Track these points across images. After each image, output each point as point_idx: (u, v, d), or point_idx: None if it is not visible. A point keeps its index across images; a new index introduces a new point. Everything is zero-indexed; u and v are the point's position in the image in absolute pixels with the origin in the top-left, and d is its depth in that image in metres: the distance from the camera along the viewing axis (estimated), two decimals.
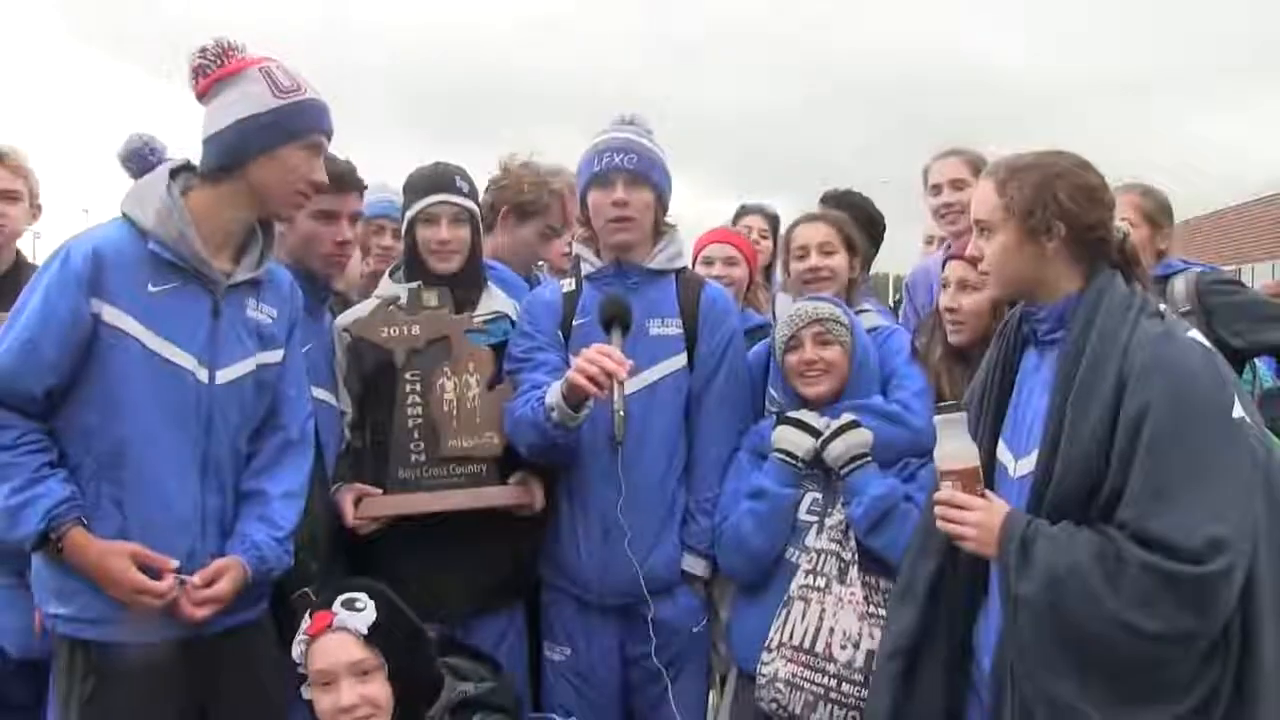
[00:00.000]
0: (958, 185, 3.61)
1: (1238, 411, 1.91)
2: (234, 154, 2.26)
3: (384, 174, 3.09)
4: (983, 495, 2.07)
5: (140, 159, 2.45)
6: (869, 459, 2.62)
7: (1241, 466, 1.88)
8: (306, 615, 2.24)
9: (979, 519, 2.03)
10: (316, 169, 2.32)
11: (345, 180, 2.67)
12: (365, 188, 2.82)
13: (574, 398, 2.54)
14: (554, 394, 2.57)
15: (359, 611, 2.18)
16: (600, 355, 2.50)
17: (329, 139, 2.36)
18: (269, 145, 2.26)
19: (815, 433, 2.64)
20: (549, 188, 3.27)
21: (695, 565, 2.78)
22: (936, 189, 3.70)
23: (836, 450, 2.62)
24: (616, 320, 2.65)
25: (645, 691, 2.81)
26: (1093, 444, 1.94)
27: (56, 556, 2.16)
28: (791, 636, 2.57)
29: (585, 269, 2.86)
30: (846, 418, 2.65)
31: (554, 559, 2.81)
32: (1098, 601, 1.86)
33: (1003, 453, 2.18)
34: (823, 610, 2.57)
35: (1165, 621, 1.83)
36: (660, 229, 2.85)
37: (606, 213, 2.75)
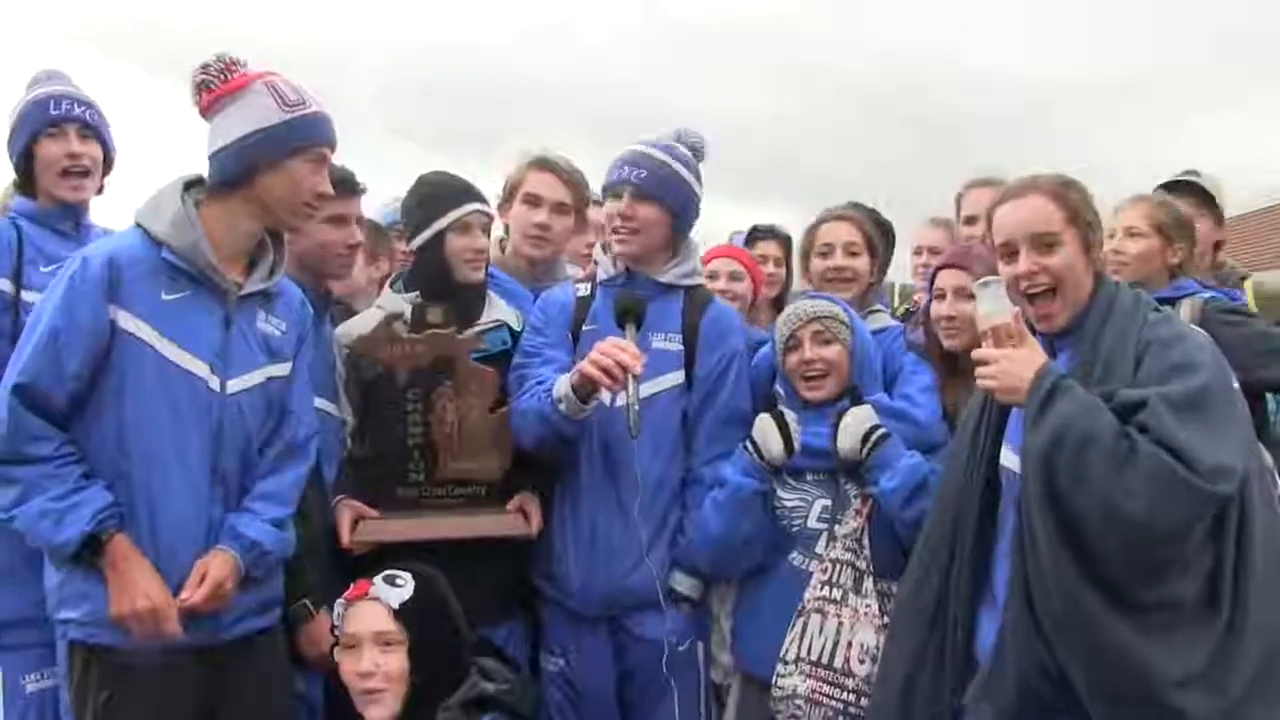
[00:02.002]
0: None
1: (1234, 383, 2.13)
2: (242, 168, 2.34)
3: (381, 183, 3.11)
4: (1014, 346, 2.14)
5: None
6: (883, 430, 2.65)
7: (1244, 422, 2.08)
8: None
9: (996, 368, 2.13)
10: (322, 181, 2.41)
11: (349, 184, 2.77)
12: (365, 191, 2.91)
13: (584, 390, 2.61)
14: (562, 385, 2.65)
15: (396, 588, 2.36)
16: (615, 349, 2.58)
17: (333, 150, 2.44)
18: (276, 159, 2.34)
19: (789, 443, 2.67)
20: (518, 164, 3.34)
21: (684, 583, 2.81)
22: (972, 220, 3.74)
23: (846, 443, 2.65)
24: (630, 315, 2.73)
25: (639, 704, 2.85)
26: None
27: (91, 560, 2.22)
28: (809, 651, 2.60)
29: (600, 275, 2.96)
30: (841, 411, 2.68)
31: (546, 569, 2.87)
32: (1093, 474, 1.94)
33: (1008, 457, 2.25)
34: (840, 624, 2.60)
35: (1157, 513, 1.90)
36: (676, 245, 2.92)
37: (612, 222, 2.87)
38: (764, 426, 2.69)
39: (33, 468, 2.20)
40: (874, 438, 2.64)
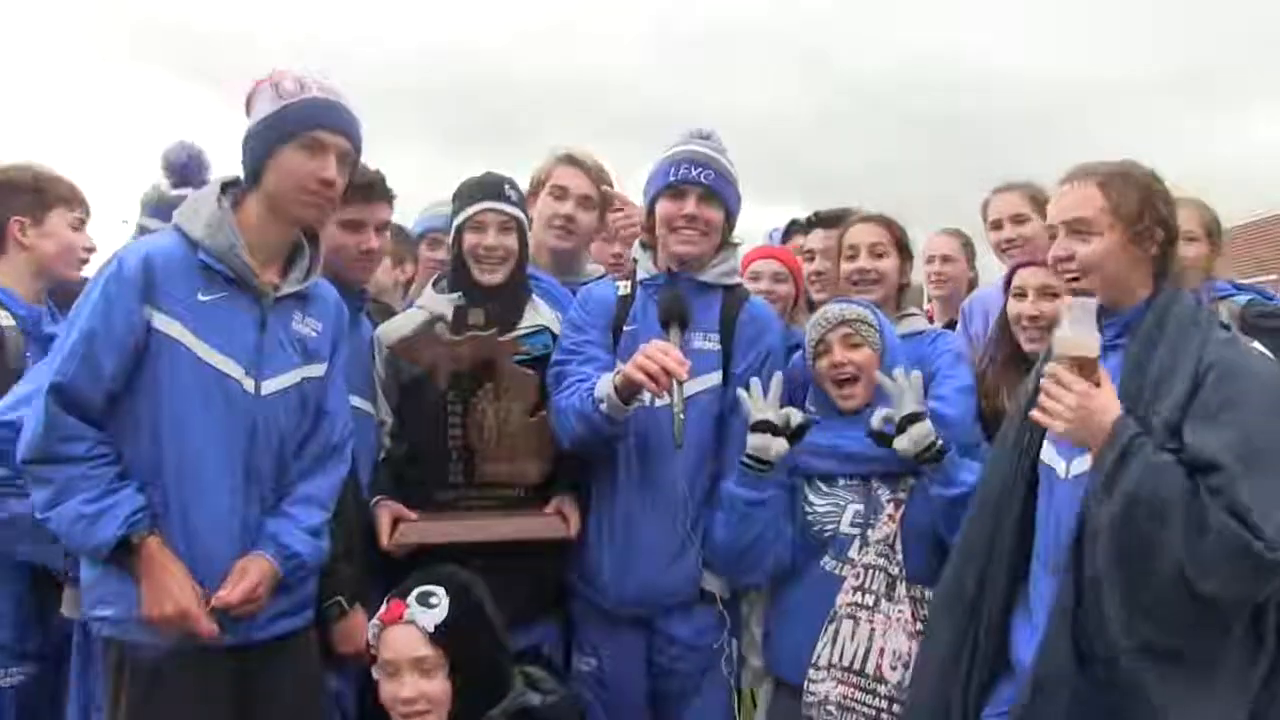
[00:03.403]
0: (1019, 220, 3.71)
1: None
2: (248, 166, 2.41)
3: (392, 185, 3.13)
4: (1095, 383, 2.12)
5: (177, 170, 2.66)
6: (940, 444, 2.65)
7: None
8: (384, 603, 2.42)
9: (1077, 403, 2.09)
10: (321, 167, 2.37)
11: (374, 189, 2.81)
12: (394, 197, 2.95)
13: (627, 390, 2.63)
14: (605, 385, 2.67)
15: (431, 608, 2.33)
16: (661, 353, 2.58)
17: (332, 134, 2.39)
18: (268, 150, 2.37)
19: (780, 432, 2.69)
20: (546, 158, 3.37)
21: (712, 582, 2.85)
22: (998, 224, 3.81)
23: (904, 444, 2.66)
24: (675, 318, 2.75)
25: (670, 705, 2.89)
26: (1164, 439, 2.04)
27: (125, 562, 2.27)
28: (841, 657, 2.64)
29: (640, 274, 2.96)
30: (907, 409, 2.68)
31: (579, 567, 2.91)
32: (1168, 545, 1.94)
33: (1051, 457, 2.28)
34: (872, 630, 2.64)
35: (1228, 586, 1.93)
36: (722, 246, 2.95)
37: (674, 222, 2.86)
38: (752, 440, 2.70)
39: (67, 467, 2.23)
40: (934, 449, 2.64)
